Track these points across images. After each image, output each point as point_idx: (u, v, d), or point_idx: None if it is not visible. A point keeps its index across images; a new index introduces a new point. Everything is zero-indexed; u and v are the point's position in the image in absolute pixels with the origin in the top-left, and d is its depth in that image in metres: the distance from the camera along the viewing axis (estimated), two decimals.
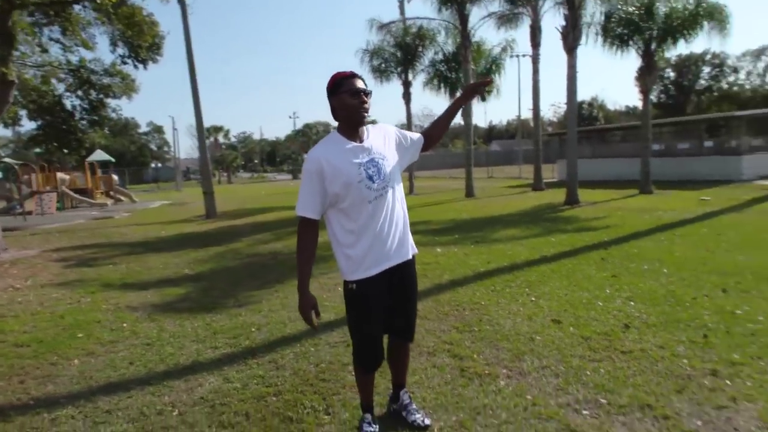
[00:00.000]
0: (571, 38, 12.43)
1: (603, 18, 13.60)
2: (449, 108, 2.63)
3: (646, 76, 14.02)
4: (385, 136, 2.46)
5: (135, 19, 11.20)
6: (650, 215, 10.22)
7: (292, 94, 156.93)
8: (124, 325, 4.94)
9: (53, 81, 14.37)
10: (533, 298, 4.87)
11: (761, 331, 3.71)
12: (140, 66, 13.06)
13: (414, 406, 2.77)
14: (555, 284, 5.34)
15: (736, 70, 69.88)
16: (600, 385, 3.03)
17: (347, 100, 2.27)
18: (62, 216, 19.52)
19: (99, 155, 28.12)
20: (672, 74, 68.22)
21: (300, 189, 2.32)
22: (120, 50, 12.68)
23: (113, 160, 28.92)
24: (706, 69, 68.07)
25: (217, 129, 63.78)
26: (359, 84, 2.28)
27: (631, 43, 13.68)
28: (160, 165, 63.50)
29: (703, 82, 68.69)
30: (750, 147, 17.72)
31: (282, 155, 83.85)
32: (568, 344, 3.68)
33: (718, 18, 12.80)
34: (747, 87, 69.68)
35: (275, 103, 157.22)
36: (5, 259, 9.24)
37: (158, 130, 67.23)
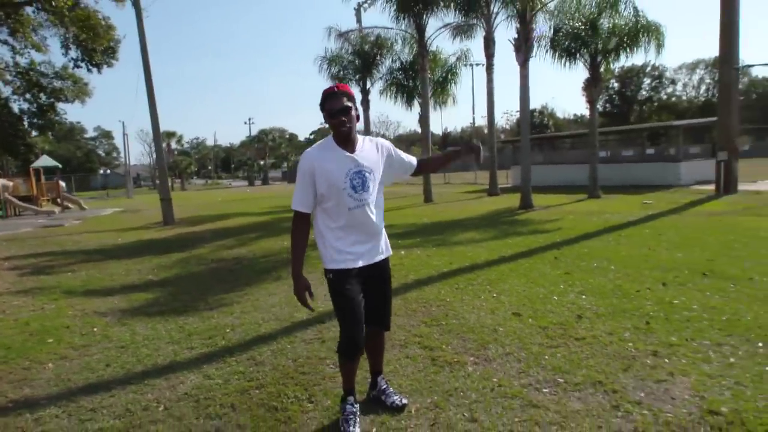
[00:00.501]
0: (523, 50, 13.08)
1: (552, 32, 14.37)
2: (447, 155, 2.98)
3: (592, 87, 14.90)
4: (379, 151, 2.65)
5: (90, 22, 11.02)
6: (598, 218, 10.88)
7: (247, 99, 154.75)
8: (95, 329, 4.95)
9: None
10: (494, 295, 5.21)
11: (695, 318, 4.16)
12: (94, 70, 12.78)
13: (391, 390, 3.00)
14: (514, 282, 5.71)
15: (673, 82, 74.28)
16: (557, 367, 3.36)
17: (328, 119, 2.46)
18: (6, 224, 18.70)
19: (44, 161, 26.94)
20: (616, 85, 71.74)
21: (295, 186, 2.56)
22: (72, 53, 12.38)
23: (60, 165, 27.78)
24: (647, 80, 72.07)
25: (170, 134, 62.16)
26: (338, 103, 2.43)
27: (578, 56, 14.52)
28: (108, 171, 61.22)
29: (644, 92, 72.58)
30: (687, 154, 19.00)
31: (237, 161, 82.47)
32: (527, 334, 4.02)
33: (654, 34, 13.80)
34: (684, 98, 74.13)
35: (230, 108, 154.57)
36: None
37: (106, 135, 64.95)
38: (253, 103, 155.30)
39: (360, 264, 2.58)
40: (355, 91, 23.22)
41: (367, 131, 24.24)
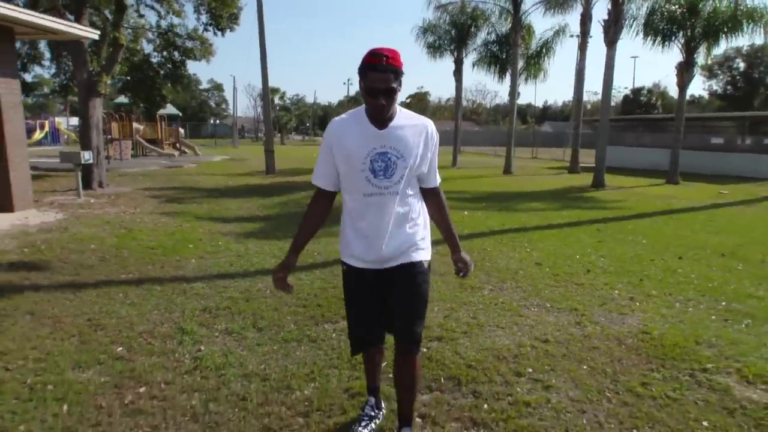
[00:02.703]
0: (612, 32, 13.27)
1: (646, 13, 14.26)
2: (446, 236, 2.35)
3: (684, 72, 14.67)
4: (420, 135, 2.11)
5: None
6: (663, 201, 11.27)
7: (347, 60, 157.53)
8: (219, 243, 6.68)
9: (143, 42, 16.35)
10: (528, 250, 6.31)
11: (685, 282, 5.05)
12: (219, 33, 14.76)
13: None
14: (549, 243, 6.74)
15: None
16: (551, 298, 4.50)
17: (365, 95, 1.99)
18: (137, 162, 21.85)
19: (168, 109, 30.51)
20: (742, 65, 65.24)
21: (317, 158, 2.20)
22: (203, 18, 14.41)
23: (180, 114, 31.31)
24: None
25: (274, 90, 65.90)
26: (382, 83, 1.93)
27: (673, 38, 14.34)
28: (218, 121, 66.50)
29: None
30: None
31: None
32: (540, 277, 5.14)
33: (756, 19, 13.29)
34: None
35: (330, 68, 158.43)
36: (109, 192, 11.29)
37: (218, 87, 70.15)
38: (353, 64, 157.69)
39: (371, 266, 2.19)
40: (449, 61, 24.11)
41: (458, 100, 24.99)
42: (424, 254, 2.23)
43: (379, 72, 1.92)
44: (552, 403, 2.77)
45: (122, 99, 21.45)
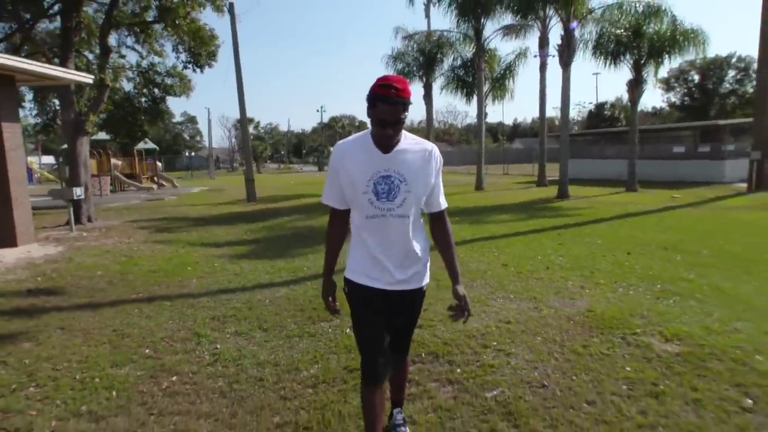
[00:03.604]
0: (566, 55, 14.43)
1: (596, 37, 15.52)
2: (448, 267, 2.33)
3: (635, 88, 15.93)
4: (424, 158, 2.15)
5: (200, 33, 13.58)
6: (620, 207, 12.23)
7: (320, 87, 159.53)
8: (215, 264, 7.25)
9: (123, 81, 16.95)
10: (496, 254, 7.05)
11: (629, 272, 5.84)
12: (198, 70, 15.45)
13: (404, 429, 2.64)
14: (515, 248, 7.51)
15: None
16: (514, 291, 5.21)
17: (374, 124, 2.04)
18: (116, 197, 22.13)
19: (145, 143, 30.87)
20: (696, 77, 68.68)
21: (325, 178, 2.26)
22: (182, 56, 15.11)
23: (157, 148, 31.68)
24: (732, 72, 68.26)
25: (249, 120, 66.64)
26: (392, 115, 1.97)
27: (622, 59, 15.61)
28: (193, 154, 66.70)
29: (728, 85, 68.83)
30: (732, 153, 19.38)
31: (308, 147, 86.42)
32: (505, 275, 5.87)
33: (694, 41, 14.65)
34: None
35: (303, 96, 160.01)
36: (99, 225, 11.72)
37: (191, 120, 70.59)
38: (325, 91, 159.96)
39: (376, 285, 2.20)
40: (418, 87, 25.30)
41: (429, 122, 26.03)
42: (427, 278, 2.32)
43: (389, 104, 1.95)
44: (511, 364, 3.46)
45: (102, 135, 21.82)
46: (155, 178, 30.35)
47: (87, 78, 9.55)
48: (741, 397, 2.90)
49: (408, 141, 2.15)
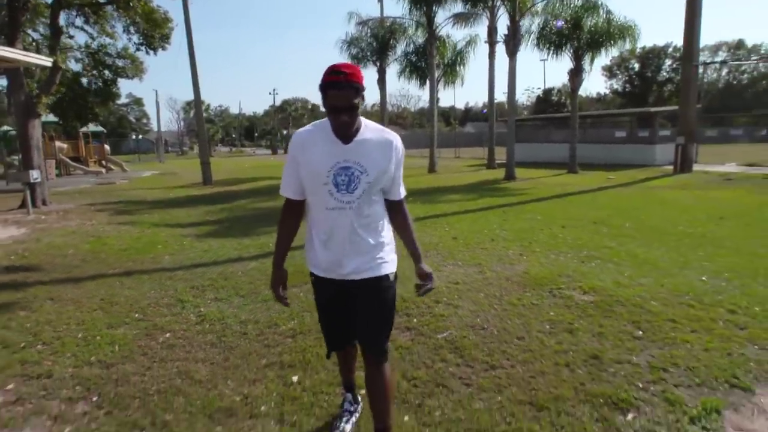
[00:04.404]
0: (511, 45, 15.28)
1: (539, 28, 16.50)
2: (409, 250, 2.37)
3: (575, 77, 17.05)
4: (385, 149, 2.11)
5: (153, 15, 13.54)
6: (561, 188, 13.29)
7: (271, 70, 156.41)
8: (184, 243, 7.61)
9: (71, 61, 16.54)
10: (447, 229, 7.77)
11: (563, 242, 6.68)
12: (151, 52, 15.34)
13: None
14: (464, 223, 8.26)
15: (704, 61, 73.97)
16: (462, 259, 5.92)
17: (329, 114, 2.01)
18: (64, 181, 21.55)
19: (92, 126, 29.89)
20: (636, 65, 72.21)
21: (283, 169, 2.22)
22: (134, 38, 14.96)
23: (105, 131, 30.75)
24: (668, 61, 72.12)
25: None
26: (343, 100, 1.94)
27: (563, 49, 16.66)
28: (141, 137, 64.54)
29: (665, 73, 72.74)
30: (662, 137, 21.03)
31: (261, 130, 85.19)
32: (455, 247, 6.58)
33: (628, 34, 15.87)
34: (705, 80, 74.07)
35: (254, 78, 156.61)
36: (55, 209, 11.69)
37: (138, 102, 68.09)
38: (277, 74, 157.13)
39: (333, 276, 2.21)
40: (372, 72, 25.74)
41: (383, 107, 26.56)
42: (389, 267, 2.23)
43: (339, 90, 1.93)
44: (458, 314, 4.15)
45: (50, 118, 21.15)
46: (103, 162, 29.54)
47: (46, 61, 9.53)
48: (634, 330, 3.69)
49: (369, 129, 2.11)
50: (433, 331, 3.82)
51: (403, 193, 2.30)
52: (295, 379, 3.16)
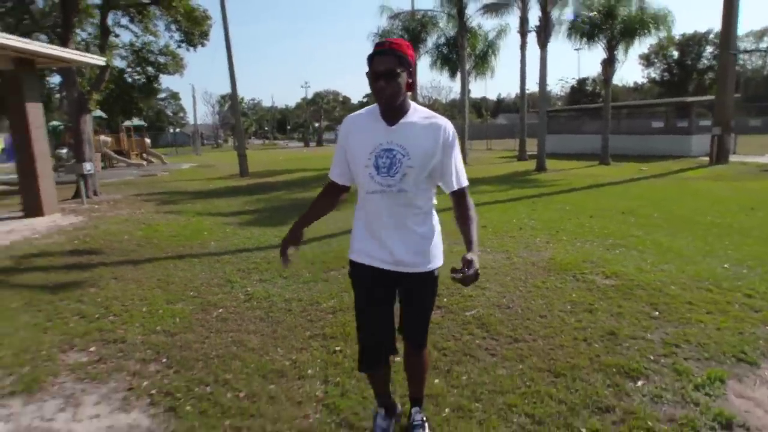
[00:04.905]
0: (543, 36, 15.29)
1: (571, 19, 16.43)
2: (465, 239, 2.14)
3: (608, 67, 16.91)
4: (434, 134, 2.05)
5: (194, 14, 14.13)
6: (592, 179, 13.32)
7: (304, 62, 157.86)
8: (227, 230, 8.11)
9: (116, 59, 17.37)
10: None
11: (590, 231, 6.87)
12: (191, 49, 15.99)
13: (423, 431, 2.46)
14: (494, 214, 8.50)
15: (741, 49, 71.19)
16: (491, 246, 6.20)
17: (370, 84, 1.99)
18: (110, 173, 22.57)
19: (134, 120, 31.12)
20: (676, 53, 70.00)
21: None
22: (175, 35, 15.62)
23: (146, 125, 31.94)
24: (710, 48, 69.67)
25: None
26: (383, 64, 1.93)
27: (596, 39, 16.54)
28: (178, 130, 66.42)
29: (705, 61, 70.31)
30: (699, 127, 20.60)
31: (293, 123, 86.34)
32: (484, 235, 6.85)
33: (662, 22, 15.62)
34: (749, 67, 71.26)
35: (287, 71, 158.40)
36: (106, 199, 12.44)
37: (174, 96, 69.95)
38: (309, 67, 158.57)
39: (375, 264, 2.15)
40: None
41: (414, 100, 26.75)
42: (436, 262, 2.20)
43: (380, 56, 1.94)
44: (486, 294, 4.45)
45: (98, 113, 22.20)
46: (144, 155, 30.72)
47: (99, 60, 10.18)
48: (651, 311, 3.93)
49: (417, 113, 2.07)
50: (461, 309, 4.15)
51: (462, 183, 2.16)
52: (338, 348, 3.53)
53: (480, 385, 2.95)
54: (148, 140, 32.75)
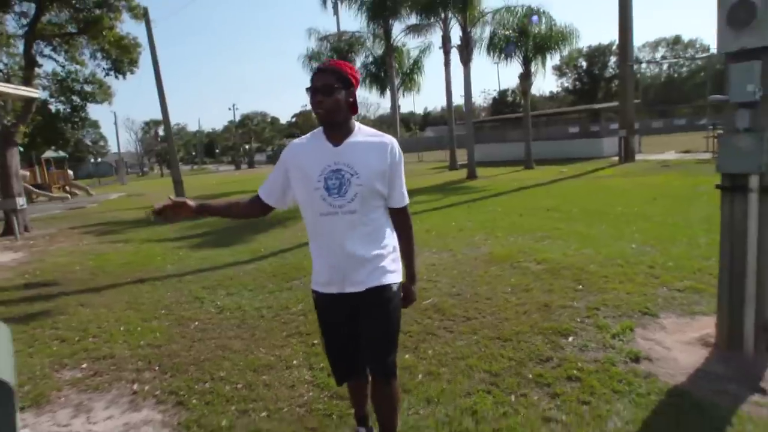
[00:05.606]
0: (465, 54, 16.47)
1: (489, 37, 17.81)
2: (405, 263, 2.25)
3: (525, 80, 18.43)
4: (379, 151, 2.06)
5: (123, 42, 14.07)
6: (518, 183, 14.48)
7: (229, 85, 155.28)
8: (180, 254, 8.27)
9: (38, 88, 16.79)
10: (419, 224, 8.69)
11: (521, 227, 7.70)
12: (120, 77, 15.79)
13: None
14: (434, 218, 9.22)
15: (637, 60, 78.00)
16: (435, 246, 6.85)
17: (310, 100, 2.01)
18: (32, 209, 21.33)
19: (53, 151, 29.68)
20: (584, 64, 75.63)
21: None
22: (102, 64, 15.38)
23: (66, 156, 30.53)
24: (613, 59, 75.81)
25: (156, 122, 64.42)
26: (320, 80, 1.97)
27: (513, 55, 18.02)
28: (99, 160, 63.38)
29: (611, 70, 76.40)
30: (609, 131, 22.75)
31: (222, 146, 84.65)
32: (429, 238, 7.50)
33: (569, 39, 17.37)
34: (648, 74, 78.12)
35: (212, 94, 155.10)
36: (40, 234, 12.05)
37: (93, 124, 66.76)
38: (236, 89, 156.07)
39: (333, 291, 2.13)
40: None
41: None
42: (394, 277, 2.14)
43: (321, 72, 1.99)
44: (438, 286, 5.06)
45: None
46: (67, 188, 29.34)
47: (34, 93, 10.01)
48: (576, 285, 4.70)
49: (363, 133, 2.09)
50: (418, 300, 4.71)
51: (403, 201, 2.20)
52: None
53: (444, 355, 3.52)
54: (70, 172, 31.36)
